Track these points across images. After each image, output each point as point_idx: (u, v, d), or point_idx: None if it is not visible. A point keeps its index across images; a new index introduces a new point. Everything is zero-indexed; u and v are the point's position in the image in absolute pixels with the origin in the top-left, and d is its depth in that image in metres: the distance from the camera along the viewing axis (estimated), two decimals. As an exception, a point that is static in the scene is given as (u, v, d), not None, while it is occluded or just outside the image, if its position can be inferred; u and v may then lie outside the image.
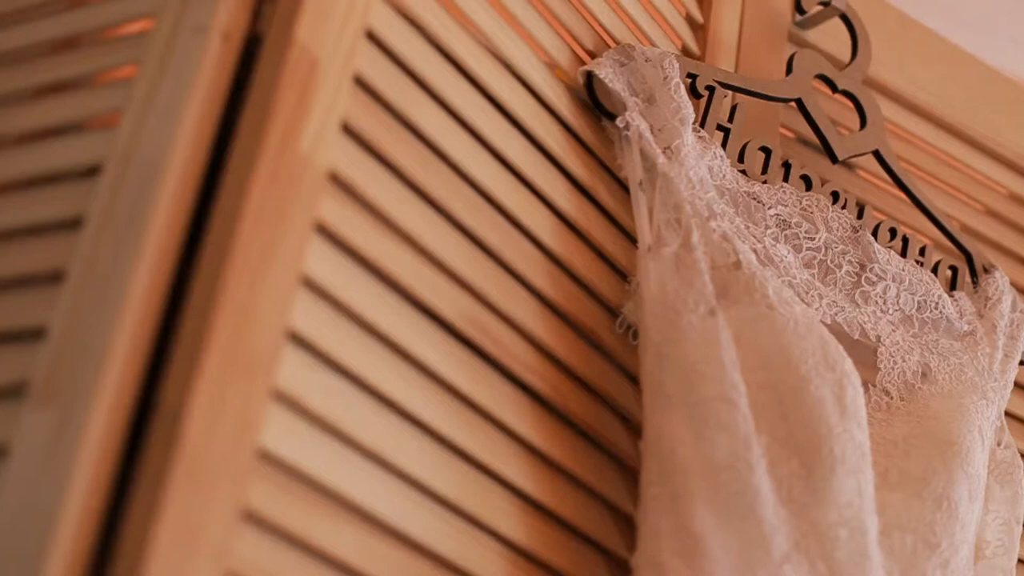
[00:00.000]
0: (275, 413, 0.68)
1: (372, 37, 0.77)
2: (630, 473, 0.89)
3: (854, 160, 1.15)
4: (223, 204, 0.69)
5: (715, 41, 1.08)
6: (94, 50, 0.80)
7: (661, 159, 0.92)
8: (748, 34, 1.11)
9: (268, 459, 0.67)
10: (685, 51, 1.07)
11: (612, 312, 0.92)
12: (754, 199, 0.98)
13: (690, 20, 1.09)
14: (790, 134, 1.14)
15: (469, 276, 0.81)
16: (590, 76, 0.93)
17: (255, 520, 0.66)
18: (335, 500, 0.70)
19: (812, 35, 1.15)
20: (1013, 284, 1.21)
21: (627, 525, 0.87)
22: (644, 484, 0.85)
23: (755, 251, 0.94)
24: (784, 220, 0.99)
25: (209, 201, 0.70)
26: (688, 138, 0.94)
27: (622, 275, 0.93)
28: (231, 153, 0.70)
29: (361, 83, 0.76)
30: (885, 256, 1.04)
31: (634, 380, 0.91)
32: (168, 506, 0.63)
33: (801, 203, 1.01)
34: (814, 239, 1.00)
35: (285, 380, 0.69)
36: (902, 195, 1.12)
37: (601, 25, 0.98)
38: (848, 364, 0.89)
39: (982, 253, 1.13)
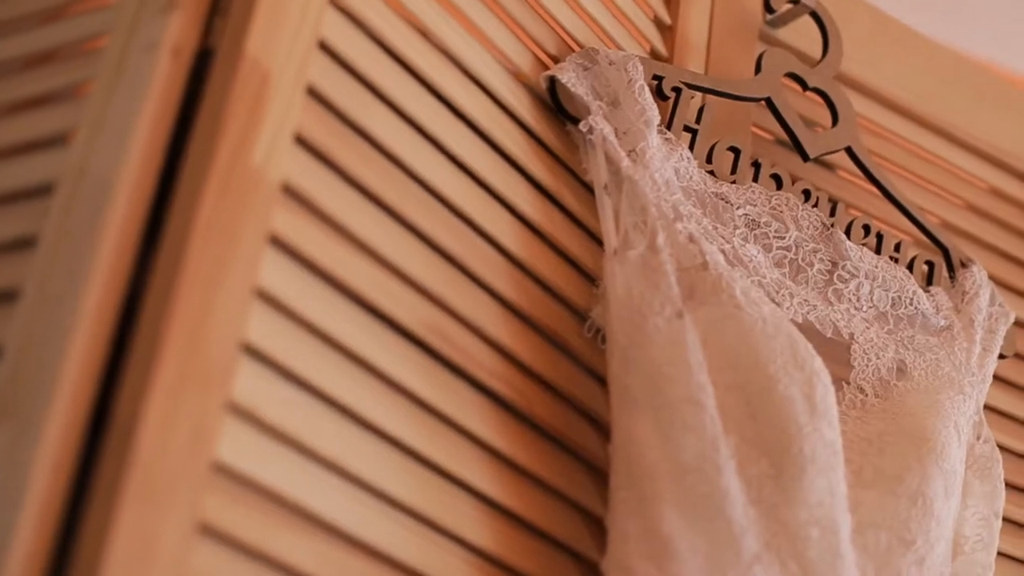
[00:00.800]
0: (230, 425, 0.68)
1: (325, 47, 0.77)
2: (601, 476, 0.89)
3: (833, 159, 1.15)
4: (175, 220, 0.69)
5: (683, 42, 1.08)
6: (50, 69, 0.80)
7: (626, 162, 0.92)
8: (718, 34, 1.11)
9: (224, 471, 0.68)
10: (653, 53, 1.07)
11: (580, 316, 0.92)
12: (722, 199, 0.98)
13: (658, 22, 1.09)
14: (768, 136, 1.14)
15: (429, 283, 0.81)
16: (553, 81, 0.93)
17: (211, 532, 0.67)
18: (293, 511, 0.71)
19: (783, 33, 1.15)
20: (997, 279, 1.21)
21: (598, 528, 0.87)
22: (613, 488, 0.85)
23: (723, 252, 0.94)
24: (753, 220, 0.99)
25: (162, 217, 0.70)
26: (653, 140, 0.93)
27: (590, 279, 0.93)
28: (183, 168, 0.71)
29: (314, 94, 0.76)
30: (858, 253, 1.03)
31: (604, 383, 0.90)
32: (122, 519, 0.63)
33: (771, 202, 1.00)
34: (784, 238, 1.00)
35: (240, 392, 0.69)
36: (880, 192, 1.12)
37: (565, 30, 0.98)
38: (818, 363, 0.89)
39: (959, 247, 1.13)
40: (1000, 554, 1.06)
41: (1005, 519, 1.07)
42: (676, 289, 0.88)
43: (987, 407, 1.11)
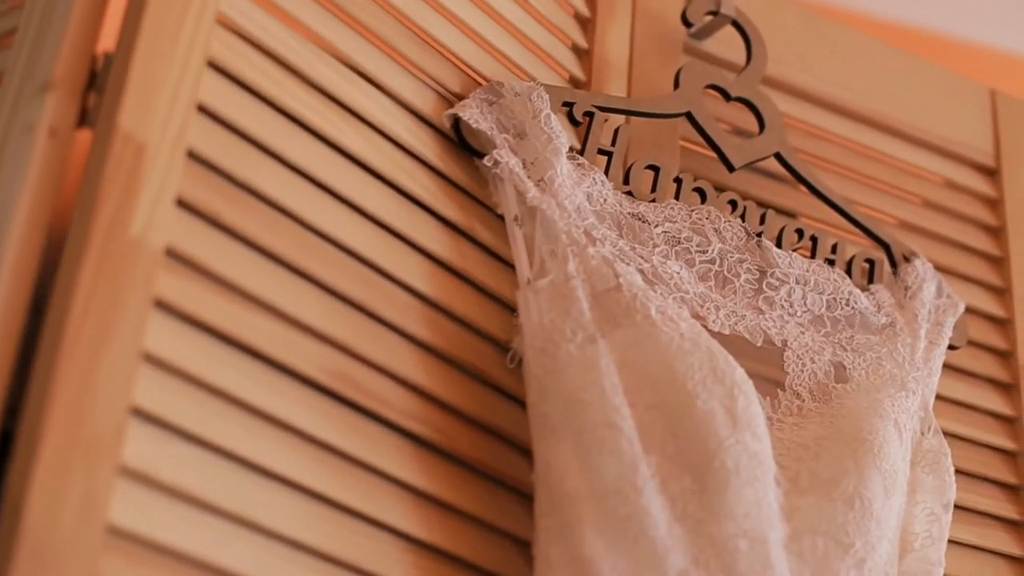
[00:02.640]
0: (123, 489, 0.70)
1: (204, 110, 0.79)
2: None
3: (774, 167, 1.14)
4: (56, 295, 0.72)
5: (602, 65, 1.08)
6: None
7: (532, 192, 0.93)
8: (640, 53, 1.11)
9: (119, 534, 0.70)
10: (573, 80, 1.08)
11: (503, 348, 0.92)
12: (639, 219, 0.98)
13: (576, 49, 1.10)
14: (704, 150, 1.13)
15: (332, 331, 0.82)
16: (457, 118, 0.95)
17: (110, 594, 0.69)
18: (198, 566, 0.72)
19: (709, 44, 1.15)
20: (958, 272, 1.20)
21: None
22: (536, 516, 0.86)
23: (642, 271, 0.95)
24: (673, 236, 0.99)
25: (46, 293, 0.73)
26: (562, 168, 0.94)
27: (511, 310, 0.94)
28: (64, 245, 0.73)
29: (196, 157, 0.78)
30: (786, 259, 1.03)
31: (530, 412, 0.91)
32: (15, 590, 0.65)
33: (691, 217, 1.01)
34: (707, 251, 1.00)
35: (131, 455, 0.71)
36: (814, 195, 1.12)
37: (470, 67, 0.99)
38: (739, 374, 0.89)
39: (901, 242, 1.12)
40: (962, 544, 1.05)
41: (961, 507, 1.07)
42: (589, 314, 0.88)
43: (943, 397, 1.11)
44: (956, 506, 1.06)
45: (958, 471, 1.08)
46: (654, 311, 0.89)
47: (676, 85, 1.06)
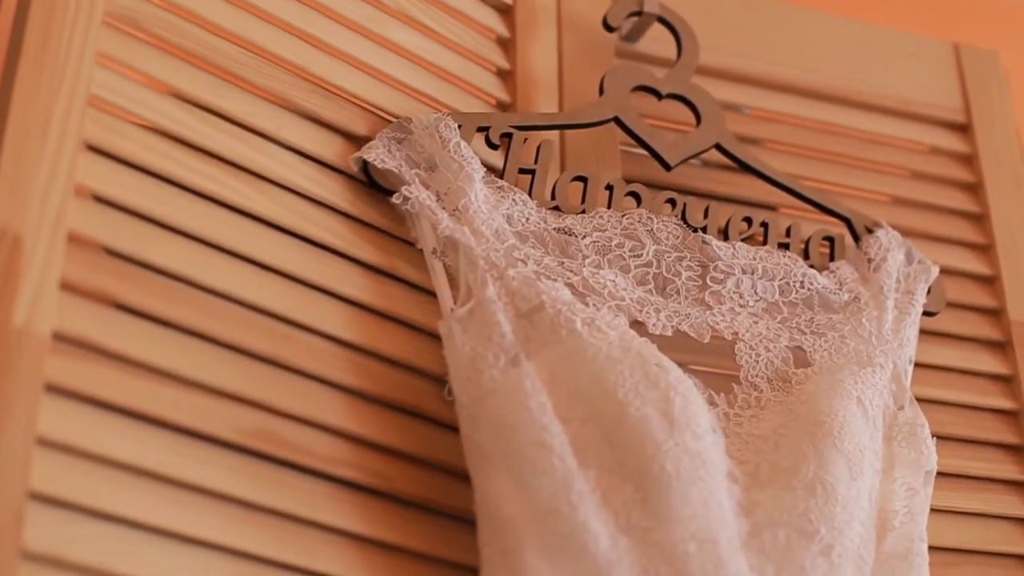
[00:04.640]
0: (28, 573, 0.71)
1: (84, 192, 0.81)
2: (486, 535, 0.88)
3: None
4: (-57, 394, 0.73)
5: (527, 84, 1.07)
6: None
7: (445, 223, 0.92)
8: (570, 65, 1.10)
9: (28, 617, 0.71)
10: (500, 105, 1.07)
11: (440, 381, 0.92)
12: (566, 233, 0.97)
13: (500, 72, 1.09)
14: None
15: (245, 391, 0.83)
16: (365, 161, 0.95)
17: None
18: (118, 640, 0.73)
19: (643, 45, 1.13)
20: (942, 236, 1.16)
21: (488, 588, 0.87)
22: (479, 546, 0.85)
23: (571, 285, 0.93)
24: (603, 245, 0.97)
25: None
26: (476, 194, 0.94)
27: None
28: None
29: (78, 240, 0.79)
30: (729, 251, 1.01)
31: (475, 442, 0.91)
32: None
33: (622, 223, 0.99)
34: (641, 255, 0.98)
35: (34, 540, 0.72)
36: (815, 183, 1.10)
37: (381, 109, 0.99)
38: (673, 375, 0.87)
39: (862, 214, 1.09)
40: (967, 513, 1.02)
41: (963, 475, 1.03)
42: (511, 337, 0.87)
43: (934, 365, 1.07)
44: (958, 475, 1.03)
45: (957, 439, 1.05)
46: (579, 324, 0.88)
47: (601, 91, 1.05)
